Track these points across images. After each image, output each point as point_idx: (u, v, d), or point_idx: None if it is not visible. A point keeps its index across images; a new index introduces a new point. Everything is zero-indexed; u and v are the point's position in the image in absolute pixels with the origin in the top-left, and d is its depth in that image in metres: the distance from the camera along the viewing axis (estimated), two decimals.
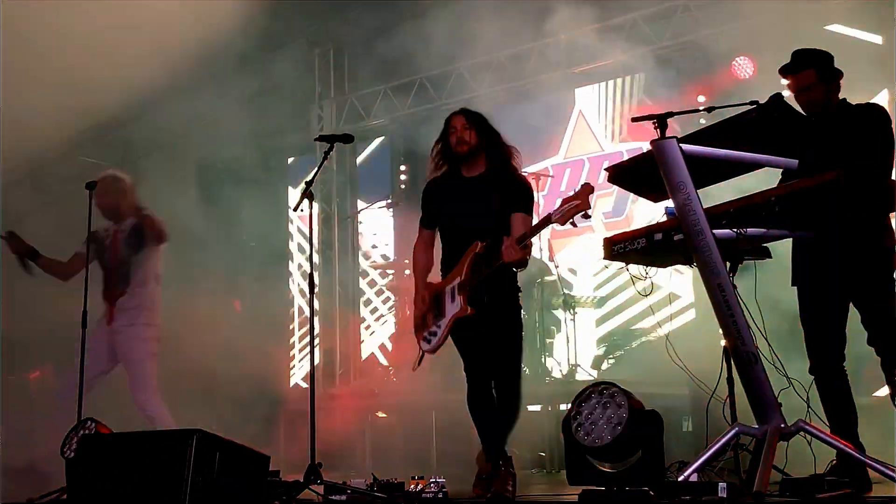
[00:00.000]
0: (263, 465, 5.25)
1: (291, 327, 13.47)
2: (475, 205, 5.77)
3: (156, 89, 10.70)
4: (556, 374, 9.87)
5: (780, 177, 5.43)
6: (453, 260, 5.78)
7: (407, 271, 11.18)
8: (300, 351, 13.45)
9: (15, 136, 8.96)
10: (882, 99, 9.32)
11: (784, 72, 5.49)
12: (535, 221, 5.58)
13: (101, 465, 5.12)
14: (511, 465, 5.48)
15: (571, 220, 5.18)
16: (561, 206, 5.20)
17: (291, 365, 13.46)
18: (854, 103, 5.47)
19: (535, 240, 5.59)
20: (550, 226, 5.36)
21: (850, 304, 5.36)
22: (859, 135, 5.18)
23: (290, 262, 13.52)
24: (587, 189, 5.16)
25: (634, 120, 5.09)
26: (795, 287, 5.51)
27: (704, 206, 4.64)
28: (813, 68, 5.39)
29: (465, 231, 5.73)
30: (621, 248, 5.22)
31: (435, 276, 6.08)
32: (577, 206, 5.12)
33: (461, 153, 5.87)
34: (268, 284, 12.28)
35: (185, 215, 12.03)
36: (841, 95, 5.49)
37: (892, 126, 5.29)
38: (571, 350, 10.24)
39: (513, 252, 5.41)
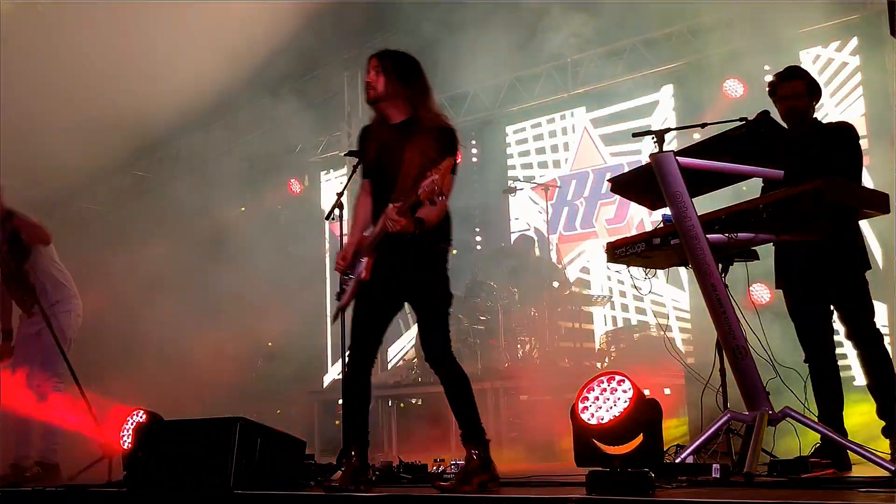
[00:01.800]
0: (300, 449, 5.27)
1: (325, 325, 13.48)
2: (394, 157, 4.76)
3: (200, 108, 10.79)
4: (564, 366, 9.86)
5: (763, 185, 5.42)
6: (377, 215, 4.82)
7: None
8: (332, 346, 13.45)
9: (75, 151, 9.04)
10: (856, 109, 9.38)
11: (778, 78, 5.48)
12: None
13: (154, 449, 5.16)
14: (484, 453, 4.60)
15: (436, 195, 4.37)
16: (425, 182, 4.43)
17: (326, 359, 13.48)
18: (825, 122, 5.53)
19: (542, 243, 5.47)
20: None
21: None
22: (834, 150, 5.22)
23: (325, 265, 13.53)
24: (447, 164, 4.43)
25: (635, 135, 5.10)
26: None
27: (698, 214, 4.65)
28: (803, 80, 5.43)
29: (386, 185, 4.78)
30: (623, 251, 5.22)
31: None
32: (434, 180, 4.35)
33: (368, 99, 4.87)
34: (306, 286, 12.32)
35: (231, 224, 12.12)
36: (821, 109, 5.53)
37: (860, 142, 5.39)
38: (577, 344, 10.26)
39: (392, 223, 4.55)
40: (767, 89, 5.55)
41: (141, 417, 5.77)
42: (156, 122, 10.30)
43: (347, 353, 4.93)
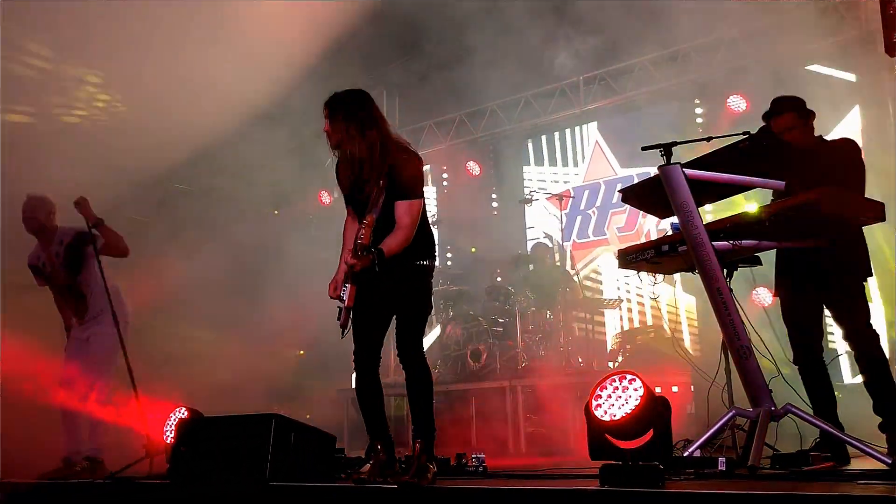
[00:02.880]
0: (331, 444, 5.31)
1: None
2: (362, 191, 4.87)
3: (239, 122, 10.84)
4: (578, 365, 9.85)
5: (771, 197, 5.43)
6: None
7: (449, 280, 11.22)
8: None
9: (122, 163, 9.09)
10: (854, 123, 9.33)
11: (767, 116, 5.48)
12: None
13: (195, 443, 5.20)
14: (431, 460, 4.66)
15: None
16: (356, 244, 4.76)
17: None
18: (829, 138, 5.49)
19: (557, 250, 5.46)
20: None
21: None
22: (837, 165, 5.21)
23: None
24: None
25: (644, 148, 5.11)
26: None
27: (704, 222, 4.66)
28: (793, 112, 5.41)
29: (363, 213, 4.86)
30: (633, 258, 5.22)
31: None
32: (361, 236, 4.75)
33: (330, 145, 4.91)
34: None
35: (266, 234, 12.15)
36: (819, 124, 5.51)
37: (862, 155, 5.37)
38: (590, 345, 10.24)
39: (350, 265, 4.76)
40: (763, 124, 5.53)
41: (183, 414, 5.82)
42: (199, 135, 10.36)
43: (353, 360, 5.09)
